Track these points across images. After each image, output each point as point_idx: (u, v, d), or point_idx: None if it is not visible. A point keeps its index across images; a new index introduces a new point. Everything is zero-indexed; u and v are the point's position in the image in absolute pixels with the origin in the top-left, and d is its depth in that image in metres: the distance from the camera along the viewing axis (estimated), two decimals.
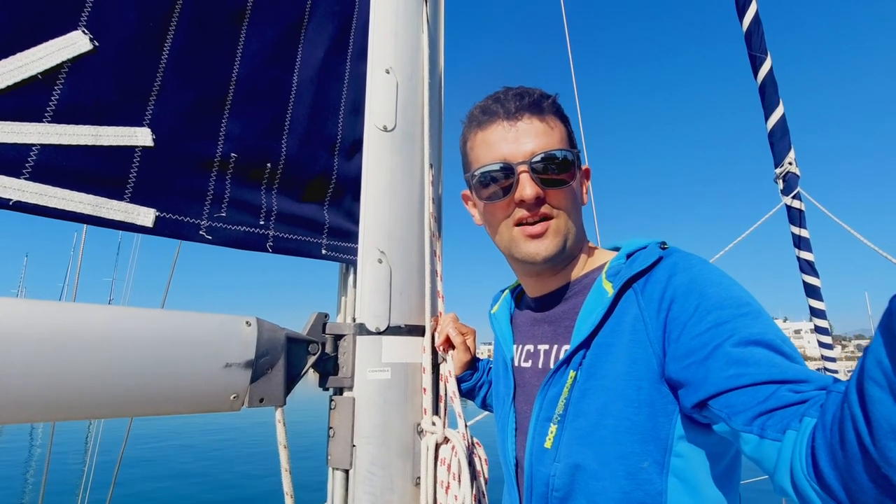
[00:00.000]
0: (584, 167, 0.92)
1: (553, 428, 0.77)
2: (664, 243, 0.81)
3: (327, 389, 1.08)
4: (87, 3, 0.81)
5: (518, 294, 1.09)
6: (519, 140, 0.81)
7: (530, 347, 0.92)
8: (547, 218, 0.83)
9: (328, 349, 1.05)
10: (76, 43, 0.79)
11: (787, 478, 0.55)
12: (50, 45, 0.77)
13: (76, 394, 0.74)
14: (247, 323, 0.91)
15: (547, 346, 0.88)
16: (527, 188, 0.80)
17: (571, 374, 0.77)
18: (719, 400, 0.63)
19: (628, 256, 0.81)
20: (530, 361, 0.91)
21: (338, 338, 1.07)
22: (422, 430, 1.10)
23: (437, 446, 1.08)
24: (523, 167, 0.80)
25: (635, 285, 0.76)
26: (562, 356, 0.81)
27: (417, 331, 1.14)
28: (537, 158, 0.80)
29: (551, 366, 0.84)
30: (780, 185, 3.20)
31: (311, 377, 1.10)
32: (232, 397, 0.89)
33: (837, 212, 3.12)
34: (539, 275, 0.91)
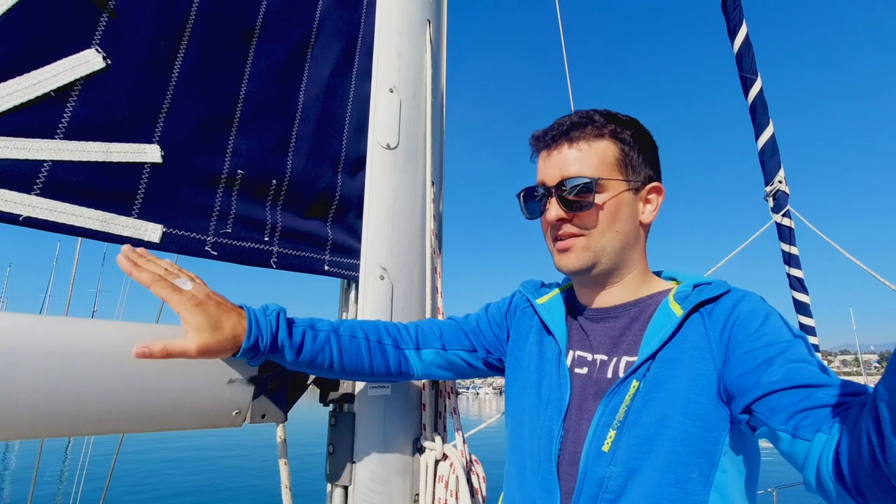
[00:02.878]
0: (650, 185, 0.94)
1: (612, 433, 0.81)
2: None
3: (328, 405, 1.08)
4: (102, 22, 0.82)
5: (568, 297, 1.07)
6: (552, 167, 0.92)
7: (586, 355, 0.94)
8: (575, 236, 0.90)
9: None
10: (89, 61, 0.80)
11: (813, 475, 0.61)
12: (64, 62, 0.78)
13: (77, 410, 0.74)
14: None
15: (605, 357, 0.91)
16: (550, 211, 0.90)
17: (634, 383, 0.82)
18: (762, 403, 0.69)
19: (694, 287, 0.89)
20: (585, 368, 0.92)
21: None
22: (421, 447, 1.11)
23: (436, 463, 1.09)
24: (551, 191, 0.91)
25: (702, 310, 0.84)
26: (623, 366, 0.87)
27: None
28: (562, 184, 0.89)
29: (609, 375, 0.87)
30: (771, 202, 3.26)
31: (312, 392, 1.10)
32: (234, 413, 0.89)
33: (821, 227, 3.18)
34: (590, 287, 0.96)
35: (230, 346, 0.79)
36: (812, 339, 3.23)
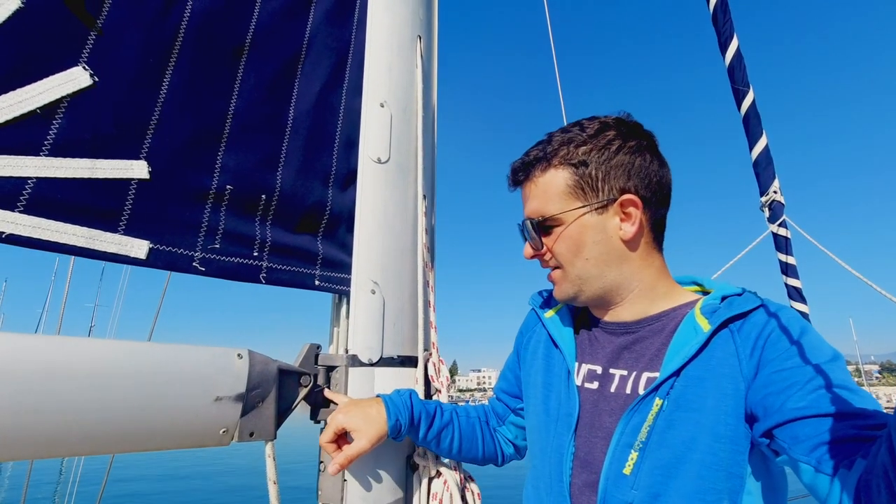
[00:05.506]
0: (620, 199, 0.85)
1: (634, 455, 0.76)
2: (755, 293, 0.84)
3: (318, 422, 1.06)
4: (89, 40, 0.82)
5: (578, 309, 1.03)
6: (524, 204, 0.94)
7: (596, 368, 0.89)
8: (554, 267, 0.91)
9: (320, 381, 1.04)
10: (76, 78, 0.80)
11: None
12: (50, 80, 0.78)
13: (61, 430, 0.72)
14: (238, 355, 0.90)
15: (625, 372, 0.85)
16: (525, 248, 0.93)
17: (658, 401, 0.77)
18: (785, 429, 0.66)
19: (723, 299, 0.83)
20: (596, 383, 0.88)
21: (330, 369, 1.06)
22: (414, 464, 1.09)
23: (430, 481, 1.07)
24: (520, 228, 0.94)
25: (732, 326, 0.78)
26: (643, 382, 0.81)
27: (410, 362, 1.14)
28: (524, 222, 0.92)
29: (628, 391, 0.82)
30: (766, 213, 3.26)
31: (303, 409, 1.08)
32: (221, 432, 0.88)
33: (820, 236, 3.17)
34: (596, 307, 0.93)
35: (384, 428, 0.95)
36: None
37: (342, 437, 0.97)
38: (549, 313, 1.01)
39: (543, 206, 0.88)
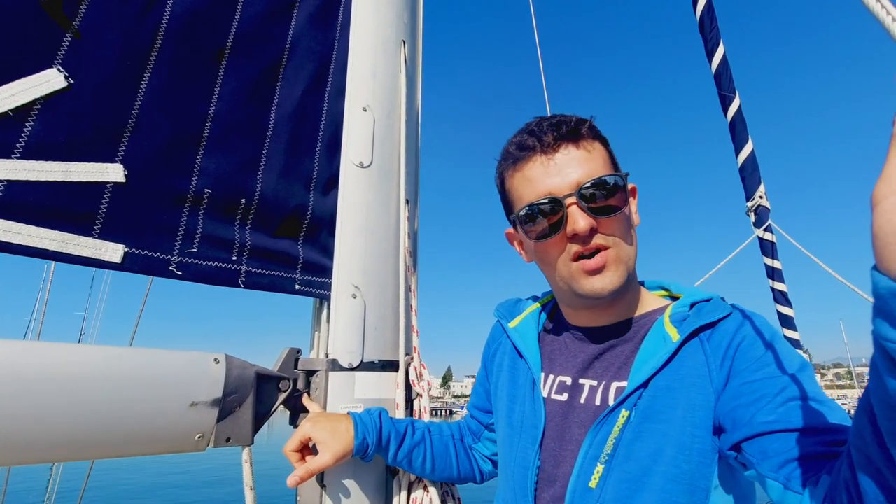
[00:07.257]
0: (629, 186, 0.83)
1: (600, 467, 0.74)
2: (723, 298, 0.82)
3: (297, 427, 1.06)
4: (65, 42, 0.82)
5: (549, 315, 0.99)
6: (562, 171, 0.78)
7: (566, 379, 0.85)
8: (603, 248, 0.78)
9: (300, 385, 1.04)
10: (50, 80, 0.79)
11: None
12: (23, 82, 0.77)
13: (34, 436, 0.71)
14: (215, 360, 0.89)
15: (595, 382, 0.82)
16: (579, 221, 0.75)
17: (624, 413, 0.74)
18: (753, 444, 0.64)
19: (692, 305, 0.80)
20: (566, 395, 0.84)
21: (310, 374, 1.06)
22: (394, 470, 1.08)
23: (410, 486, 1.06)
24: (571, 199, 0.76)
25: (702, 335, 0.76)
26: (612, 392, 0.79)
27: (391, 366, 1.13)
28: (585, 187, 0.76)
29: (598, 403, 0.80)
30: (752, 217, 3.29)
31: (282, 414, 1.08)
32: (197, 437, 0.87)
33: (809, 239, 3.20)
34: (595, 308, 0.85)
35: (350, 445, 0.93)
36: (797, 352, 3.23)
37: (307, 448, 0.96)
38: (514, 323, 0.98)
39: (602, 171, 0.78)
